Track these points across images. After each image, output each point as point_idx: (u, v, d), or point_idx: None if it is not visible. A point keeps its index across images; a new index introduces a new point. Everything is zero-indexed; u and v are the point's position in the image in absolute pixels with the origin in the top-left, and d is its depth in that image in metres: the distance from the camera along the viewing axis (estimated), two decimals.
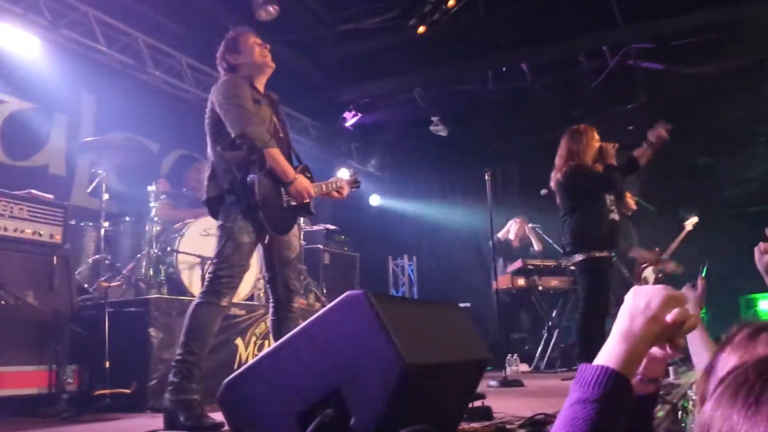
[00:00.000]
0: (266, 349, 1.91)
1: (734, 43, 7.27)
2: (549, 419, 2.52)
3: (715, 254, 7.35)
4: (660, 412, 3.01)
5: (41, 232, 4.07)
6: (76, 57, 6.10)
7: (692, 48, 7.37)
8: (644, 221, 7.50)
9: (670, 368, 5.29)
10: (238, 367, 2.77)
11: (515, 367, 6.81)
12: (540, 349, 7.72)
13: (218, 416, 2.91)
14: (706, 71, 7.66)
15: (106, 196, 5.20)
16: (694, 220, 6.95)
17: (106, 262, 5.22)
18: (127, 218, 5.64)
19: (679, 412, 2.93)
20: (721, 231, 7.62)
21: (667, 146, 5.00)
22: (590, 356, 1.01)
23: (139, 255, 5.29)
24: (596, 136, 4.95)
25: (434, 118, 8.88)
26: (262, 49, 3.55)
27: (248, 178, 3.24)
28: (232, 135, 3.27)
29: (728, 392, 0.73)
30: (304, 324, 1.84)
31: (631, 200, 7.04)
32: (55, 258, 4.12)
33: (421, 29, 6.95)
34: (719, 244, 7.36)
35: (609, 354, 1.03)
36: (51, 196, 4.32)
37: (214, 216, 3.42)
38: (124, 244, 5.60)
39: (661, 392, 3.38)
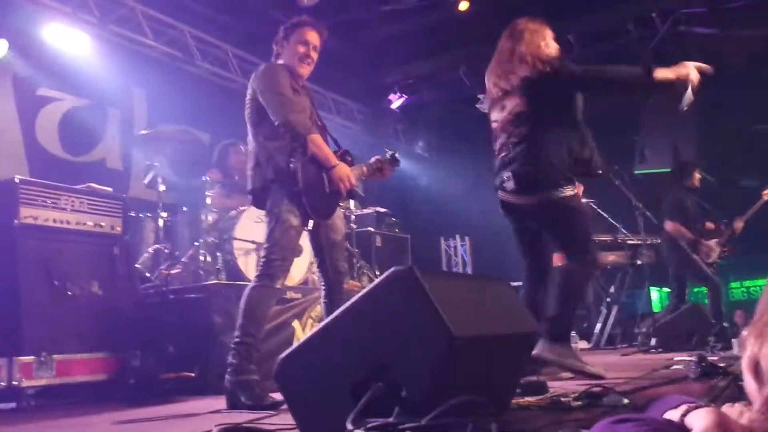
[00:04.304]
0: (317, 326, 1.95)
1: None
2: (605, 392, 2.51)
3: None
4: (721, 383, 2.96)
5: (102, 224, 4.20)
6: (126, 52, 6.27)
7: (746, 10, 7.09)
8: (704, 193, 7.28)
9: (733, 340, 5.17)
10: None
11: (574, 344, 6.74)
12: (599, 325, 7.61)
13: (279, 396, 2.98)
14: (760, 34, 7.35)
15: (162, 188, 5.32)
16: None
17: (166, 250, 5.36)
18: (184, 208, 5.78)
19: (741, 383, 2.86)
20: None
21: (720, 114, 4.83)
22: None
23: (196, 243, 5.42)
24: None
25: (480, 96, 8.78)
26: (305, 57, 3.51)
27: (291, 165, 3.30)
28: (275, 123, 3.31)
29: None
30: (352, 300, 1.88)
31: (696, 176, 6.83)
32: (116, 248, 4.24)
33: (464, 6, 6.87)
34: None
35: None
36: (110, 189, 4.45)
37: (260, 206, 3.47)
38: (182, 233, 5.75)
39: (722, 364, 3.34)
